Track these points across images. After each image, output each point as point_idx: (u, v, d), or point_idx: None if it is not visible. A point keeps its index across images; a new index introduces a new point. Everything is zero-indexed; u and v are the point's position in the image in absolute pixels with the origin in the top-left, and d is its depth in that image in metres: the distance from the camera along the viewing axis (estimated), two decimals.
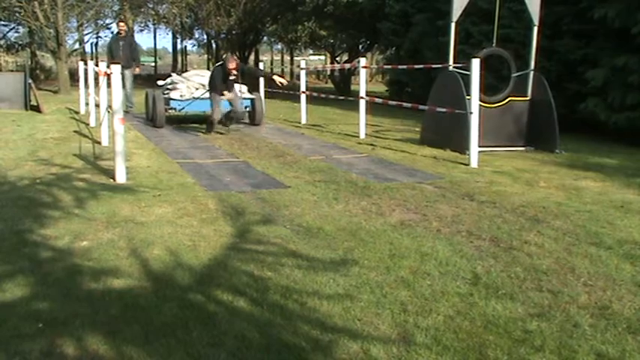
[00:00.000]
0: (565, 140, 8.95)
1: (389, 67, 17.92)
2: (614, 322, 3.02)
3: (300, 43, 27.53)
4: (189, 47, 39.76)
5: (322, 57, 40.45)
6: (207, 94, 10.44)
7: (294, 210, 5.19)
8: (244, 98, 11.04)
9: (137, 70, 14.43)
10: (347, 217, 4.99)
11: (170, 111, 11.21)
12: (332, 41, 28.67)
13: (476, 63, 7.56)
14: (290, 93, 14.16)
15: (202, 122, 11.14)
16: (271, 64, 41.10)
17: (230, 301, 3.24)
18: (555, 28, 11.25)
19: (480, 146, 7.69)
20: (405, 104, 9.97)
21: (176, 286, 3.45)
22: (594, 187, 6.36)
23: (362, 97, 10.26)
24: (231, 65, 9.64)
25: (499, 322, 3.02)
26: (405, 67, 12.12)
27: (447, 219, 4.98)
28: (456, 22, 9.00)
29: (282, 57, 45.23)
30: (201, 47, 37.23)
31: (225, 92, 9.79)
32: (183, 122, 11.90)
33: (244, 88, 11.44)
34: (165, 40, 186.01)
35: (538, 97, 9.14)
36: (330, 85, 27.31)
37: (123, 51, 13.58)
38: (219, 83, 9.82)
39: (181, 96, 11.10)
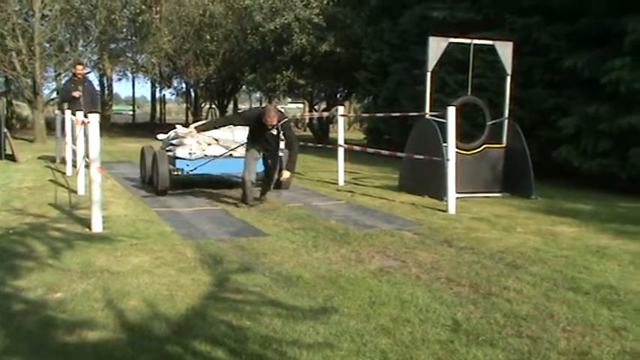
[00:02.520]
0: (540, 186, 9.09)
1: (367, 115, 18.16)
2: None
3: (278, 92, 27.79)
4: (167, 96, 39.97)
5: (301, 105, 40.88)
6: (231, 152, 8.82)
7: (273, 258, 5.16)
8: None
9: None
10: (326, 264, 4.97)
11: (176, 172, 8.85)
12: (310, 90, 29.05)
13: (452, 111, 7.70)
14: None
15: (217, 186, 9.39)
16: None
17: (208, 352, 3.18)
18: (527, 77, 11.55)
19: (457, 192, 7.76)
20: (383, 152, 10.08)
21: (153, 337, 3.39)
22: (570, 233, 6.44)
23: (340, 145, 10.35)
24: (270, 119, 7.45)
25: None
26: (382, 115, 12.31)
27: (427, 265, 4.98)
28: (432, 72, 9.21)
29: (261, 105, 45.59)
30: (179, 96, 37.54)
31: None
32: (191, 186, 9.32)
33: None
34: (143, 88, 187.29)
35: (513, 144, 9.31)
36: (308, 133, 27.54)
37: (83, 97, 11.92)
38: (254, 139, 7.87)
39: (190, 154, 8.71)
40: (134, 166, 13.15)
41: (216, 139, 8.99)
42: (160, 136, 10.19)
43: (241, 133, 8.94)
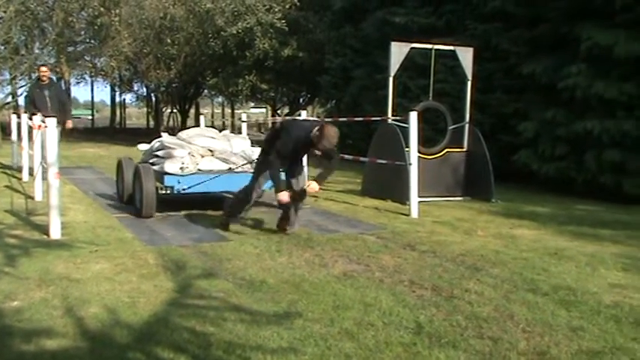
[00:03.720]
0: (500, 190, 9.25)
1: (330, 119, 18.18)
2: None
3: (241, 96, 27.73)
4: (128, 100, 39.42)
5: (263, 110, 40.84)
6: (240, 167, 7.41)
7: (236, 263, 5.13)
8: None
9: (70, 125, 11.60)
10: (290, 269, 4.96)
11: (164, 191, 7.36)
12: (273, 94, 29.06)
13: (414, 116, 7.78)
14: None
15: (208, 206, 7.84)
16: (212, 117, 41.11)
17: (171, 359, 3.15)
18: (488, 82, 11.76)
19: (419, 197, 7.84)
20: (346, 156, 10.10)
21: (114, 345, 3.33)
22: (529, 235, 6.56)
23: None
24: (330, 144, 5.79)
25: None
26: (345, 119, 12.35)
27: (390, 269, 5.02)
28: (394, 77, 9.31)
29: (223, 110, 45.42)
30: (140, 100, 37.05)
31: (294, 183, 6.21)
32: (182, 208, 7.78)
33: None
34: (103, 92, 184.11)
35: (474, 148, 9.46)
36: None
37: (51, 102, 10.86)
38: (286, 155, 5.96)
39: (182, 169, 7.18)
40: (94, 172, 12.94)
41: (210, 151, 7.56)
42: (142, 146, 8.64)
43: (239, 142, 8.01)
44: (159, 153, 7.62)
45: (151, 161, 7.67)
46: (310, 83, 22.98)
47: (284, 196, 5.86)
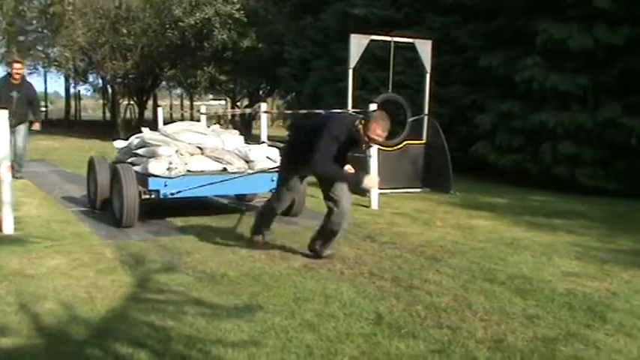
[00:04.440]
0: (458, 181, 9.38)
1: (290, 112, 18.16)
2: (508, 355, 3.15)
3: (199, 88, 27.46)
4: (83, 91, 38.59)
5: (223, 102, 40.51)
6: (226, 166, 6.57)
7: (196, 257, 5.08)
8: (274, 171, 6.23)
9: (37, 126, 10.32)
10: (250, 262, 4.94)
11: (148, 196, 6.23)
12: (232, 86, 28.84)
13: (373, 108, 7.81)
14: None
15: (203, 211, 7.05)
16: (170, 108, 40.57)
17: (130, 354, 3.10)
18: (446, 75, 11.89)
19: (380, 188, 7.89)
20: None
21: (71, 341, 3.27)
22: (486, 226, 6.68)
23: (263, 142, 10.30)
24: (380, 135, 4.86)
25: None
26: (305, 112, 12.34)
27: (350, 261, 5.04)
28: (354, 69, 9.33)
29: (182, 102, 44.86)
30: (96, 92, 36.31)
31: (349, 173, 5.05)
32: (163, 214, 6.80)
33: (273, 151, 7.07)
34: (57, 84, 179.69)
35: (432, 140, 9.57)
36: (231, 129, 27.32)
37: (17, 105, 9.57)
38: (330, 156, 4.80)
39: (170, 169, 6.18)
40: (48, 165, 12.64)
41: (200, 148, 6.64)
42: (118, 143, 7.67)
43: (231, 139, 7.26)
44: (140, 151, 6.67)
45: (129, 161, 6.76)
46: (270, 75, 22.87)
47: (371, 181, 5.21)
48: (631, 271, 4.80)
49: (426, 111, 9.76)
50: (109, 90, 29.71)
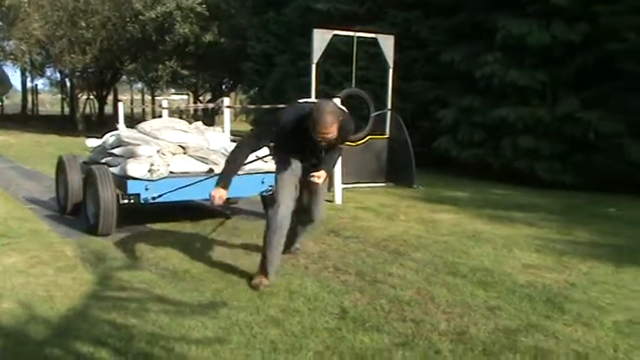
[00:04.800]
0: (421, 175, 9.47)
1: (253, 106, 18.08)
2: (471, 346, 3.20)
3: (161, 82, 27.08)
4: (40, 86, 37.67)
5: (185, 96, 40.07)
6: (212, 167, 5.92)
7: (159, 253, 5.02)
8: (264, 172, 5.98)
9: None
10: (214, 258, 4.91)
11: (127, 201, 5.67)
12: (194, 80, 28.54)
13: (336, 103, 7.82)
14: None
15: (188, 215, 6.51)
16: (131, 103, 39.93)
17: (91, 353, 3.05)
18: (409, 70, 11.98)
19: (343, 183, 7.92)
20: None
21: (30, 341, 3.20)
22: (449, 219, 6.76)
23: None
24: (326, 132, 3.98)
25: (366, 354, 3.09)
26: (268, 106, 12.28)
27: (314, 255, 5.05)
28: (317, 64, 9.32)
29: (143, 96, 44.17)
30: (54, 86, 35.53)
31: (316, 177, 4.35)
32: (142, 220, 6.31)
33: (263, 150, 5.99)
34: (13, 78, 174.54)
35: (396, 135, 9.63)
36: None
37: None
38: (291, 147, 4.39)
39: (151, 171, 5.64)
40: (3, 161, 12.33)
41: (182, 147, 6.10)
42: (91, 142, 7.08)
43: (215, 136, 6.86)
44: (116, 151, 6.10)
45: (104, 161, 6.23)
46: (233, 69, 22.72)
47: (217, 193, 4.15)
48: (588, 263, 4.91)
49: (389, 106, 9.82)
50: (68, 84, 29.10)
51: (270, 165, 5.75)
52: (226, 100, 10.66)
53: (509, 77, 9.78)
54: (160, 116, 11.22)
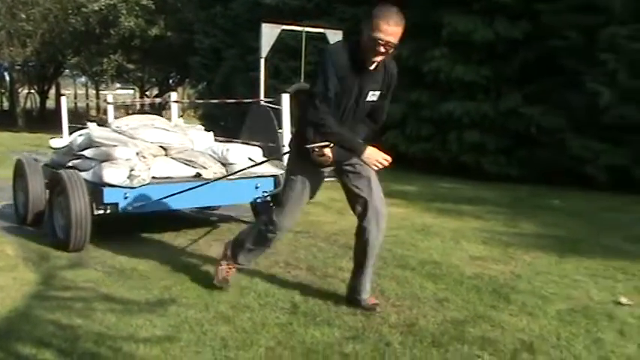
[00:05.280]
0: None
1: (201, 101, 17.87)
2: (420, 338, 3.24)
3: (106, 77, 26.48)
4: None
5: (131, 91, 39.29)
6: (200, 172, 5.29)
7: (104, 251, 4.90)
8: (259, 176, 5.47)
9: None
10: (162, 255, 4.82)
11: (103, 211, 4.99)
12: (141, 75, 28.01)
13: (286, 98, 7.81)
14: None
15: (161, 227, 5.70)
16: (75, 97, 38.94)
17: (34, 355, 2.96)
18: None
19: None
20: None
21: None
22: (399, 213, 6.83)
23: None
24: (396, 27, 3.30)
25: (318, 348, 3.10)
26: (217, 101, 12.17)
27: (266, 252, 5.02)
28: (265, 58, 9.28)
29: (87, 91, 43.13)
30: None
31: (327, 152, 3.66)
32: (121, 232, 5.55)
33: (255, 150, 5.86)
34: None
35: None
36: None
37: None
38: (334, 100, 3.42)
39: (132, 177, 4.88)
40: None
41: (163, 148, 5.38)
42: (55, 142, 6.43)
43: (200, 135, 6.18)
44: (88, 153, 5.29)
45: (70, 164, 5.46)
46: (180, 64, 22.40)
47: (373, 155, 3.59)
48: (533, 254, 5.05)
49: None
50: (7, 78, 28.14)
51: (266, 167, 5.48)
52: (174, 95, 10.54)
53: (456, 72, 9.96)
54: (106, 111, 10.95)
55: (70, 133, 7.72)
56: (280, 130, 7.99)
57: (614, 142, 8.67)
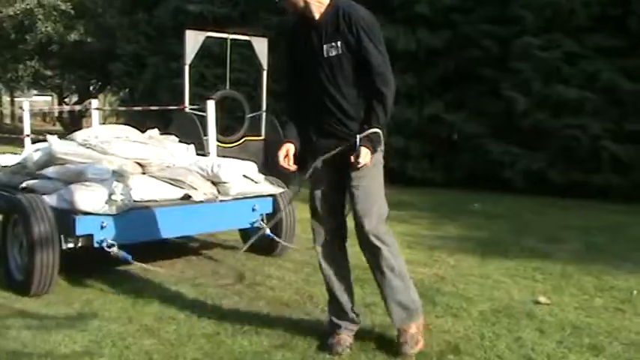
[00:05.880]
0: (299, 176, 9.53)
1: (123, 108, 17.42)
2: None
3: (22, 83, 25.40)
4: None
5: (48, 98, 37.83)
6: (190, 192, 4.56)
7: None
8: (255, 196, 4.94)
9: None
10: (83, 268, 4.64)
11: (74, 244, 4.13)
12: (59, 81, 27.06)
13: (211, 104, 7.71)
14: (12, 137, 12.90)
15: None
16: None
17: None
18: (283, 72, 12.03)
19: None
20: None
21: None
22: None
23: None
24: None
25: (246, 357, 3.05)
26: (140, 108, 11.89)
27: (192, 261, 4.92)
28: (190, 65, 9.13)
29: (1, 98, 41.21)
30: None
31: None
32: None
33: (250, 166, 5.19)
34: None
35: (271, 136, 9.64)
36: (58, 127, 25.59)
37: None
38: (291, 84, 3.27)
39: (111, 201, 4.02)
40: None
41: (140, 165, 4.60)
42: (4, 158, 5.38)
43: (179, 148, 5.29)
44: (50, 172, 4.42)
45: (24, 185, 4.55)
46: (101, 70, 21.76)
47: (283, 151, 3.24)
48: (456, 256, 5.17)
49: (264, 107, 9.81)
50: None
51: (264, 186, 4.98)
52: (95, 102, 10.18)
53: None
54: (21, 119, 10.47)
55: None
56: (205, 137, 7.88)
57: (530, 147, 9.04)
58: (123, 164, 4.44)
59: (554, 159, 8.87)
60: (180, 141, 5.47)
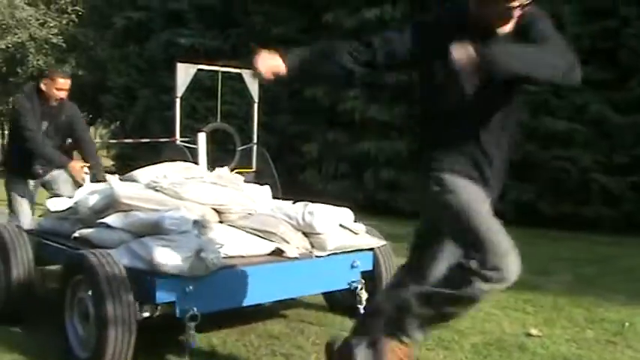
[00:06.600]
0: None
1: (114, 141, 17.43)
2: None
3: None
4: None
5: None
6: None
7: None
8: (354, 250, 4.11)
9: (85, 176, 5.62)
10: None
11: (146, 313, 3.17)
12: None
13: (202, 137, 7.75)
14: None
15: None
16: None
17: None
18: (274, 105, 12.14)
19: None
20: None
21: None
22: None
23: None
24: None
25: None
26: (131, 141, 11.91)
27: None
28: (181, 98, 9.19)
29: None
30: None
31: None
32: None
33: (347, 214, 4.36)
34: None
35: (262, 168, 9.68)
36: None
37: (55, 133, 5.44)
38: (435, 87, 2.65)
39: (198, 260, 3.11)
40: None
41: (217, 212, 3.82)
42: (55, 203, 4.29)
43: (257, 190, 4.77)
44: (112, 221, 3.54)
45: (77, 235, 3.74)
46: (92, 103, 21.79)
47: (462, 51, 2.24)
48: None
49: (255, 140, 9.86)
50: None
51: (363, 238, 4.17)
52: None
53: (370, 112, 10.22)
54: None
55: None
56: None
57: (519, 179, 9.10)
58: (204, 212, 3.67)
59: (544, 191, 8.94)
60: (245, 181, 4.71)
